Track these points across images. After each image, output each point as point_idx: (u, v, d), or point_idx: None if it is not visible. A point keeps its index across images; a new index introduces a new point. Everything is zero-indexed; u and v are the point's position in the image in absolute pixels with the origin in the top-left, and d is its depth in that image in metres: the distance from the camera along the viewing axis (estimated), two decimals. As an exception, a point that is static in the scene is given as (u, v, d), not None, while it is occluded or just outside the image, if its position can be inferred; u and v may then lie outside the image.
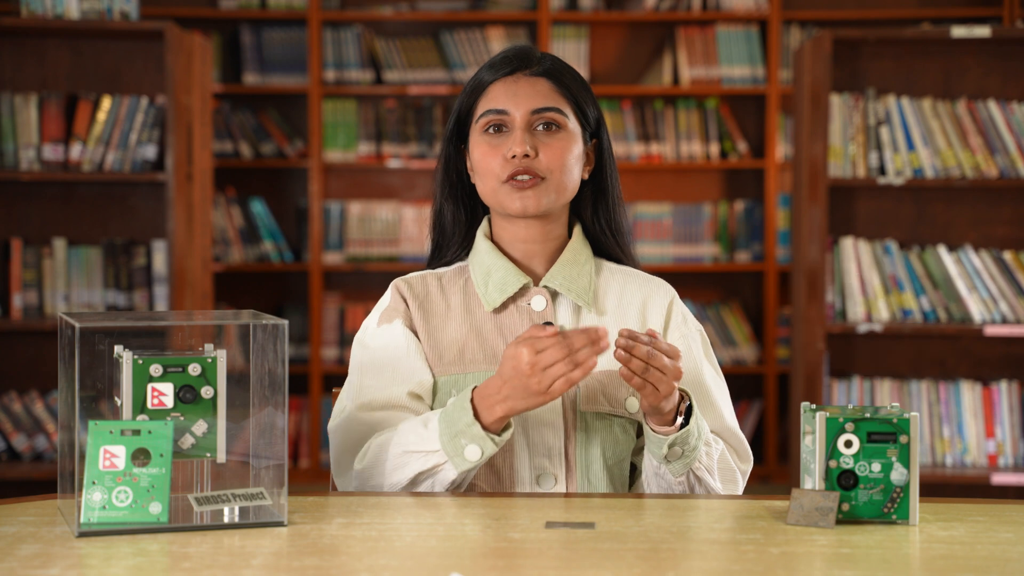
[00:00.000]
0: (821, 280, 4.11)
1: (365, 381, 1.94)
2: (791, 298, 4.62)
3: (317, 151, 5.62)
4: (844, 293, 4.17)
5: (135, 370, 1.62)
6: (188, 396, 1.64)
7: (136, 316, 2.53)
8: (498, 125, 1.97)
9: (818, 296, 4.13)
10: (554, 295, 1.99)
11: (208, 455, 1.66)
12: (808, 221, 4.22)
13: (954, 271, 4.13)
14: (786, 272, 5.66)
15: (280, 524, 1.61)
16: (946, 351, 4.28)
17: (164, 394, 1.63)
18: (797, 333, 4.43)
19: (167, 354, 1.64)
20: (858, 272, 4.16)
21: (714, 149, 5.69)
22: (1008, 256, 4.15)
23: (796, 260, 4.46)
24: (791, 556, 1.50)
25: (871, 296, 4.15)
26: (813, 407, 1.66)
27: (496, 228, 2.02)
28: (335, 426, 1.94)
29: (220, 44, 5.71)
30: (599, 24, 5.78)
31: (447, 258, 2.06)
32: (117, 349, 1.63)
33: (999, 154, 4.13)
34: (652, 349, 1.74)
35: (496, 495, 1.82)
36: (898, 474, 1.63)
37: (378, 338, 1.97)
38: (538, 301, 1.97)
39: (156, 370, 1.63)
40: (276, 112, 5.75)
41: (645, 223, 5.68)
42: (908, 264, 4.17)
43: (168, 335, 1.72)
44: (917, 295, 4.16)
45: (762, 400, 5.71)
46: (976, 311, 4.11)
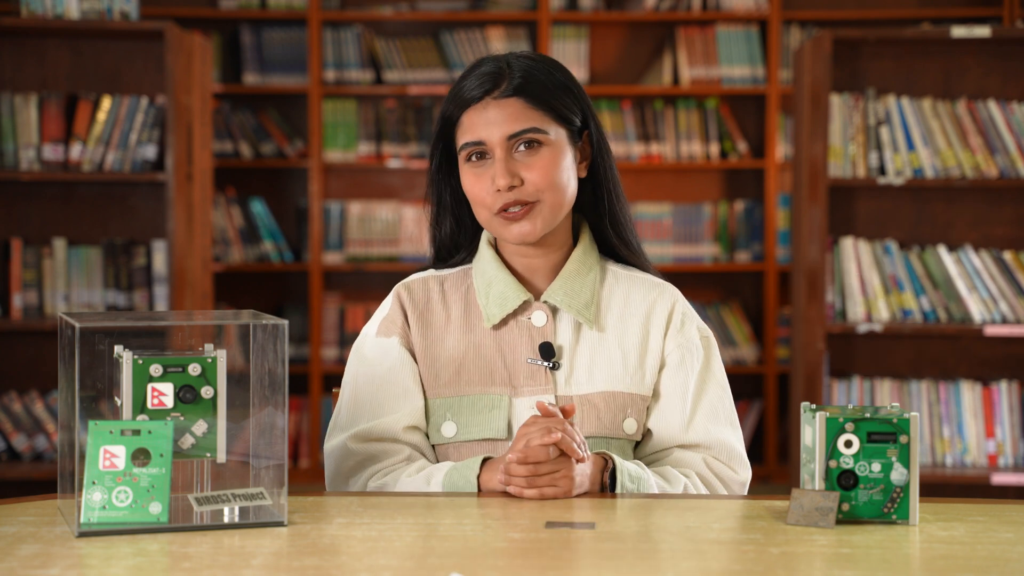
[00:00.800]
0: (821, 280, 4.11)
1: (359, 407, 1.94)
2: (791, 298, 4.62)
3: (317, 151, 5.62)
4: (844, 293, 4.17)
5: (135, 370, 1.62)
6: (188, 396, 1.64)
7: (136, 316, 2.53)
8: (479, 154, 1.92)
9: (818, 296, 4.13)
10: (554, 310, 1.97)
11: (208, 455, 1.66)
12: (808, 221, 4.22)
13: (954, 271, 4.13)
14: (786, 272, 5.66)
15: (280, 524, 1.61)
16: (946, 351, 4.27)
17: (164, 394, 1.63)
18: (797, 333, 4.43)
19: (167, 354, 1.64)
20: (858, 272, 4.16)
21: (714, 149, 5.69)
22: (1008, 256, 4.14)
23: (796, 260, 4.46)
24: (791, 556, 1.50)
25: (871, 296, 4.15)
26: (813, 407, 1.65)
27: (499, 240, 2.01)
28: (330, 449, 1.95)
29: (220, 44, 5.71)
30: (599, 24, 5.78)
31: (452, 261, 2.04)
32: (117, 349, 1.63)
33: (999, 154, 4.13)
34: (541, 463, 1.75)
35: (496, 495, 1.81)
36: (898, 474, 1.63)
37: (375, 350, 1.97)
38: (538, 316, 1.96)
39: (156, 370, 1.63)
40: (276, 112, 5.75)
41: (645, 223, 5.68)
42: (908, 264, 4.17)
43: (168, 335, 1.72)
44: (917, 295, 4.16)
45: (762, 400, 5.71)
46: (976, 311, 4.11)
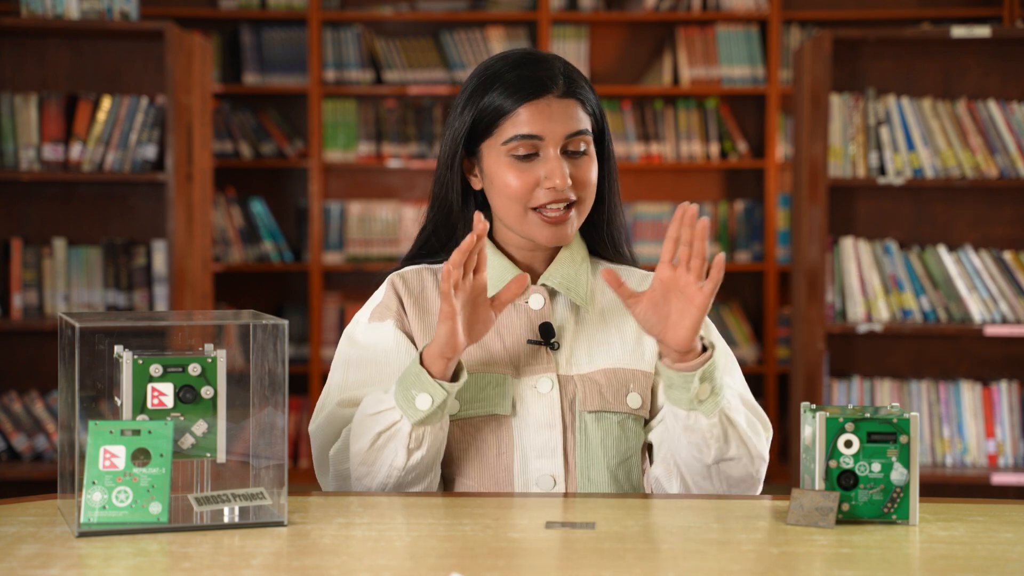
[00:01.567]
0: (821, 280, 4.11)
1: (349, 377, 1.91)
2: (791, 298, 4.62)
3: (317, 151, 5.62)
4: (844, 293, 4.17)
5: (135, 370, 1.62)
6: (188, 396, 1.64)
7: (136, 316, 2.53)
8: (529, 148, 1.90)
9: (818, 296, 4.13)
10: (552, 293, 1.97)
11: (208, 455, 1.66)
12: (808, 221, 4.22)
13: (954, 271, 4.13)
14: (786, 272, 5.66)
15: (280, 524, 1.61)
16: (946, 351, 4.27)
17: (164, 394, 1.63)
18: (797, 333, 4.43)
19: (167, 354, 1.64)
20: (858, 272, 4.16)
21: (714, 149, 5.69)
22: (1008, 256, 4.14)
23: (796, 260, 4.46)
24: (791, 556, 1.50)
25: (871, 296, 4.15)
26: (813, 407, 1.65)
27: (497, 230, 1.98)
28: (316, 427, 1.91)
29: (220, 44, 5.71)
30: (599, 24, 5.78)
31: (440, 258, 2.00)
32: (117, 349, 1.63)
33: (999, 154, 4.13)
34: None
35: (496, 495, 1.82)
36: (898, 474, 1.63)
37: (367, 336, 1.94)
38: (536, 299, 1.95)
39: (156, 370, 1.63)
40: (276, 112, 5.75)
41: (645, 223, 5.68)
42: (908, 264, 4.17)
43: (168, 335, 1.72)
44: (917, 295, 4.15)
45: (762, 400, 5.70)
46: (976, 311, 4.11)
